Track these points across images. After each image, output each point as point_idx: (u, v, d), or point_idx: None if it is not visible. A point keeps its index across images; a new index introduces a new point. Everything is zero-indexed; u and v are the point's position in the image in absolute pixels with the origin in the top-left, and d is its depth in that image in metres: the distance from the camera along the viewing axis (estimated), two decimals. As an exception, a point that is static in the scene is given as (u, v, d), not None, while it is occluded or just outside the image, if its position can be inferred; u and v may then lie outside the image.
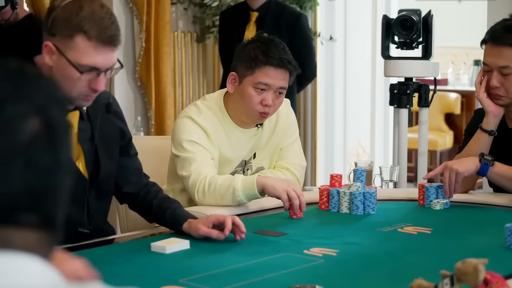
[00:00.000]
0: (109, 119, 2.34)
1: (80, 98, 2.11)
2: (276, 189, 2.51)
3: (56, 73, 2.08)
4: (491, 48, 2.69)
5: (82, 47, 2.05)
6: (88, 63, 2.05)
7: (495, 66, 2.68)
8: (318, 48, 5.91)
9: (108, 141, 2.33)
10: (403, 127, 3.90)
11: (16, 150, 0.89)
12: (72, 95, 2.08)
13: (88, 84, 2.08)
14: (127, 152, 2.41)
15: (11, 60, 0.95)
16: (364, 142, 6.37)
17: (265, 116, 2.71)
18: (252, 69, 2.66)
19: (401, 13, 3.82)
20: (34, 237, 0.92)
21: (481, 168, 2.63)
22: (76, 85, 2.07)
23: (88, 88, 2.08)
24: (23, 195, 0.90)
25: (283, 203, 2.51)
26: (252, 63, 2.66)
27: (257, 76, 2.66)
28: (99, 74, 2.07)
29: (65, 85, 2.05)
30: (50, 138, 0.92)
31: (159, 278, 1.86)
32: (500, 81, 2.69)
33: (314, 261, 2.02)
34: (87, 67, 2.05)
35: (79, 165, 2.25)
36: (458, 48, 8.56)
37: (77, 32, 2.04)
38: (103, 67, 2.07)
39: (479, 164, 2.64)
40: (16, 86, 0.92)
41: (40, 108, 0.92)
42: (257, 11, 4.71)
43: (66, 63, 2.06)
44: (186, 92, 5.62)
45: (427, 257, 2.08)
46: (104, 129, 2.31)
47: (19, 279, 0.87)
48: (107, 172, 2.31)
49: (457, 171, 2.62)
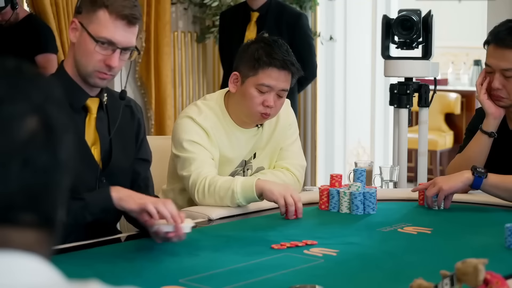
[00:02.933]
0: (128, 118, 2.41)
1: (95, 75, 2.23)
2: (274, 194, 2.51)
3: (77, 49, 2.24)
4: (494, 50, 2.68)
5: (102, 20, 2.21)
6: (106, 36, 2.20)
7: (497, 68, 2.68)
8: (318, 48, 5.91)
9: (125, 138, 2.40)
10: (403, 127, 3.90)
11: (13, 149, 0.89)
12: (88, 70, 2.23)
13: (103, 60, 2.21)
14: (136, 154, 2.45)
15: (8, 60, 0.95)
16: (364, 142, 6.37)
17: (266, 117, 2.71)
18: (255, 70, 2.66)
19: (401, 13, 3.82)
20: (34, 237, 0.92)
21: (475, 181, 2.58)
22: (92, 58, 2.21)
23: (103, 64, 2.21)
24: (21, 195, 0.90)
25: (280, 208, 2.51)
26: (255, 64, 2.66)
27: (260, 77, 2.65)
28: (115, 51, 2.20)
29: (83, 60, 2.22)
30: (49, 137, 0.92)
31: (159, 278, 1.86)
32: (502, 83, 2.69)
33: (314, 261, 2.02)
34: (104, 39, 2.20)
35: (94, 151, 2.32)
36: (458, 48, 8.56)
37: (100, 7, 2.20)
38: (120, 43, 2.21)
39: (472, 177, 2.58)
40: (14, 85, 0.92)
41: (38, 108, 0.92)
42: (257, 11, 4.71)
43: (86, 36, 2.21)
44: (186, 92, 5.62)
45: (427, 257, 2.08)
46: (122, 125, 2.38)
47: (20, 278, 0.87)
48: (119, 164, 2.36)
49: (440, 188, 2.58)
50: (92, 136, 2.30)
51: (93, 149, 2.31)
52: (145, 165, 2.49)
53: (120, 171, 2.37)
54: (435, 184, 2.61)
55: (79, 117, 2.29)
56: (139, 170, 2.46)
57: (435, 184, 2.61)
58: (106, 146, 2.34)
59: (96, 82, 2.26)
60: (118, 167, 2.36)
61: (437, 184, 2.61)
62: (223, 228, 2.43)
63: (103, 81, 2.26)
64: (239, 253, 2.10)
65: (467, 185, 2.61)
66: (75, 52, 2.25)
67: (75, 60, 2.25)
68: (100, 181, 2.31)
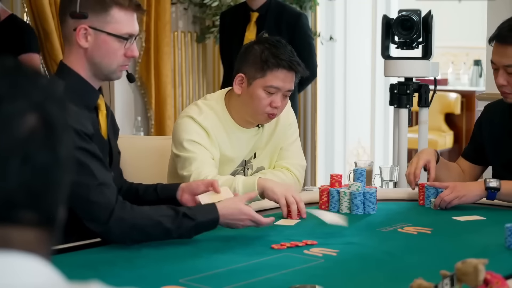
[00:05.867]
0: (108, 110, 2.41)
1: (119, 69, 2.26)
2: (275, 193, 2.51)
3: (95, 52, 2.22)
4: (496, 47, 2.72)
5: (119, 18, 2.22)
6: (128, 31, 2.22)
7: (500, 65, 2.71)
8: (318, 48, 5.91)
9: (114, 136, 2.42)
10: (403, 127, 3.90)
11: (13, 147, 0.89)
12: (113, 67, 2.24)
13: (125, 53, 2.24)
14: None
15: (8, 58, 0.95)
16: (364, 142, 6.37)
17: (272, 117, 2.72)
18: (263, 72, 2.66)
19: (401, 13, 3.82)
20: (34, 236, 0.92)
21: (489, 195, 2.65)
22: (117, 56, 2.23)
23: (125, 57, 2.24)
24: (21, 192, 0.90)
25: (281, 208, 2.51)
26: (263, 66, 2.66)
27: (268, 79, 2.66)
28: (132, 42, 2.25)
29: (105, 60, 2.23)
30: (48, 135, 0.92)
31: (159, 278, 1.86)
32: (507, 79, 2.72)
33: (314, 261, 2.02)
34: (127, 34, 2.22)
35: None
36: (458, 48, 8.56)
37: (111, 5, 2.21)
38: (136, 32, 2.27)
39: (485, 192, 2.65)
40: (13, 83, 0.92)
41: (38, 106, 0.92)
42: (257, 12, 4.71)
43: (106, 37, 2.21)
44: (186, 92, 5.62)
45: (427, 257, 2.08)
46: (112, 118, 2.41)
47: (20, 278, 0.87)
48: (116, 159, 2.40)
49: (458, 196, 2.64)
50: (104, 132, 2.32)
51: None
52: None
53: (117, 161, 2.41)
54: (453, 191, 2.65)
55: (93, 115, 2.29)
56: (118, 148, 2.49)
57: (453, 190, 2.65)
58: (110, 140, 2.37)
59: (119, 76, 2.29)
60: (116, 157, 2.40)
61: (455, 191, 2.65)
62: (223, 228, 2.42)
63: (122, 73, 2.30)
64: (239, 253, 2.10)
65: (482, 198, 2.67)
66: (91, 55, 2.22)
67: (93, 63, 2.23)
68: None
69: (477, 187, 2.66)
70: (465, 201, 2.65)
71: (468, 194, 2.65)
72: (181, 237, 2.16)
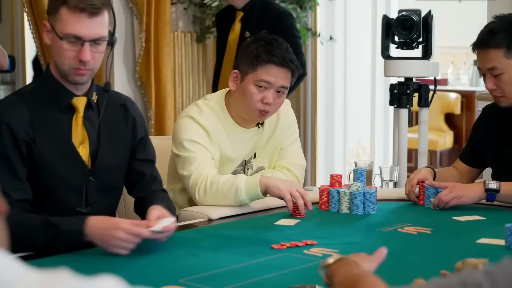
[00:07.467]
0: (120, 117, 2.40)
1: (72, 72, 2.23)
2: (280, 189, 2.51)
3: (53, 51, 2.25)
4: (479, 53, 2.76)
5: (64, 18, 2.20)
6: (70, 32, 2.19)
7: (485, 69, 2.74)
8: (318, 48, 5.91)
9: (115, 137, 2.38)
10: (403, 127, 3.90)
11: None
12: (64, 68, 2.24)
13: (75, 56, 2.21)
14: (137, 155, 2.45)
15: None
16: (364, 142, 6.37)
17: (264, 114, 2.70)
18: (254, 67, 2.67)
19: (401, 13, 3.82)
20: None
21: (488, 197, 2.65)
22: (65, 56, 2.21)
23: (76, 60, 2.21)
24: None
25: (287, 203, 2.51)
26: (254, 61, 2.66)
27: (259, 74, 2.66)
28: (83, 45, 2.20)
29: (58, 60, 2.24)
30: None
31: (159, 278, 1.86)
32: (495, 83, 2.73)
33: (314, 261, 2.02)
34: (69, 35, 2.19)
35: (83, 150, 2.30)
36: (458, 48, 8.55)
37: (60, 5, 2.21)
38: (85, 36, 2.20)
39: (485, 193, 2.64)
40: None
41: None
42: (242, 11, 4.69)
43: (55, 36, 2.22)
44: (186, 92, 5.62)
45: (427, 257, 2.08)
46: (113, 124, 2.37)
47: None
48: (107, 162, 2.34)
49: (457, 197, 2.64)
50: (80, 135, 2.29)
51: (81, 148, 2.29)
52: (150, 165, 2.49)
53: (109, 170, 2.35)
54: (452, 191, 2.65)
55: (66, 116, 2.28)
56: (144, 170, 2.46)
57: (452, 190, 2.65)
58: (95, 145, 2.32)
59: (76, 79, 2.25)
60: (106, 165, 2.34)
61: (454, 191, 2.65)
62: (223, 228, 2.43)
63: (82, 77, 2.24)
64: (239, 253, 2.10)
65: (481, 199, 2.66)
66: (52, 54, 2.27)
67: (54, 62, 2.27)
68: (87, 180, 2.30)
69: (477, 188, 2.66)
70: (463, 202, 2.65)
71: (467, 195, 2.65)
72: (48, 245, 2.07)
